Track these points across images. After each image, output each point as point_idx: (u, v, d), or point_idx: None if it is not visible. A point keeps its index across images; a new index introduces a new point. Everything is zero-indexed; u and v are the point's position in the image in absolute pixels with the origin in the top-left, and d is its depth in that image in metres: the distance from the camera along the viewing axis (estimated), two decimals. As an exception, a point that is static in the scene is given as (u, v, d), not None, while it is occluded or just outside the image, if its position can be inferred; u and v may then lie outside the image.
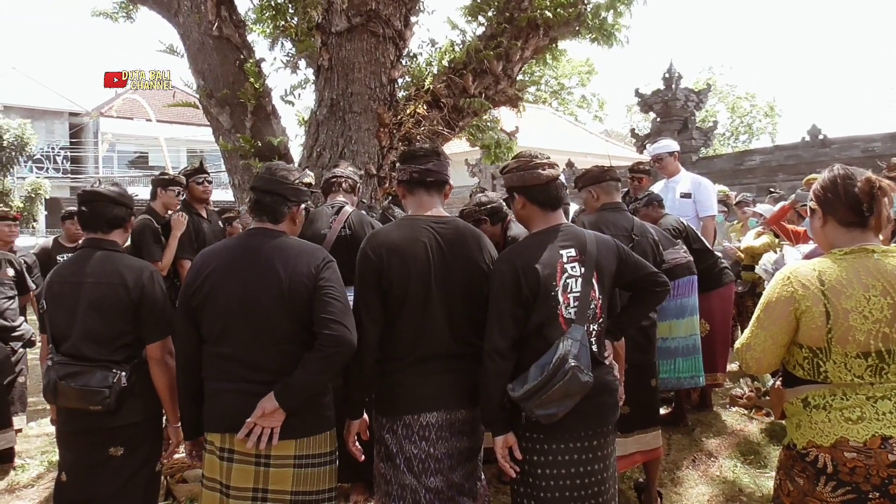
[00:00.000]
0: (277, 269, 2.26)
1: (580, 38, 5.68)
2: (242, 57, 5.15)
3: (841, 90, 72.17)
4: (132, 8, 6.17)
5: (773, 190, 8.94)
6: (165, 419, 2.78)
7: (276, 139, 5.14)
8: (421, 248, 2.35)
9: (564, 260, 2.30)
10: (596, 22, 5.54)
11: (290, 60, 5.54)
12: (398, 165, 2.59)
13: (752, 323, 2.06)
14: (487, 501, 2.56)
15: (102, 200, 2.70)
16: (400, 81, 5.51)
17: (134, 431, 2.62)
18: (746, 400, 5.06)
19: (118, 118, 27.07)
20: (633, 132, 17.79)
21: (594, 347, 2.32)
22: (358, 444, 2.48)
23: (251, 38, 5.48)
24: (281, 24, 5.47)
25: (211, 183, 4.89)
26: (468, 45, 5.43)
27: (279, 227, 2.40)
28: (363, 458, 2.50)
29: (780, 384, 2.12)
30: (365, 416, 2.48)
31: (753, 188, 12.11)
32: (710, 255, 4.84)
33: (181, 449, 2.65)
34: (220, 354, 2.28)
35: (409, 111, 5.30)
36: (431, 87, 5.38)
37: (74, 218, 5.57)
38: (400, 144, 5.18)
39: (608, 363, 2.43)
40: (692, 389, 4.92)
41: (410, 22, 5.33)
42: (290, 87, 5.46)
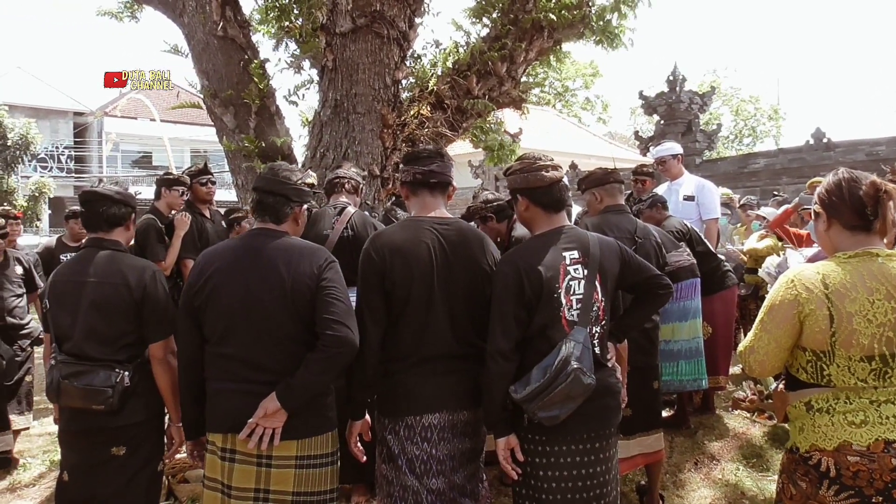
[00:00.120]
0: (280, 269, 2.26)
1: (584, 40, 5.68)
2: (247, 57, 5.15)
3: (846, 93, 72.09)
4: (137, 8, 6.19)
5: (776, 193, 8.94)
6: (168, 419, 2.78)
7: (279, 140, 5.15)
8: (424, 249, 2.35)
9: (567, 262, 2.30)
10: (600, 24, 5.53)
11: (294, 61, 5.55)
12: (402, 167, 2.59)
13: (755, 326, 2.05)
14: (489, 503, 2.56)
15: (102, 200, 2.71)
16: (404, 83, 5.51)
17: (136, 431, 2.63)
18: (749, 403, 5.04)
19: (122, 118, 27.12)
20: (636, 134, 17.78)
21: (597, 350, 2.31)
22: (360, 444, 2.48)
23: (256, 38, 5.49)
24: (285, 24, 5.48)
25: (214, 184, 4.90)
26: (472, 46, 5.43)
27: (282, 227, 2.41)
28: (365, 458, 2.49)
29: (783, 387, 2.11)
30: (367, 416, 2.48)
31: (757, 191, 12.09)
32: (713, 257, 4.84)
33: (183, 449, 2.65)
34: (222, 354, 2.28)
35: (412, 112, 5.31)
36: (435, 88, 5.38)
37: (78, 217, 5.59)
38: (403, 145, 5.18)
39: (611, 365, 2.43)
40: (694, 392, 4.91)
41: (415, 23, 5.33)
42: (294, 87, 5.48)
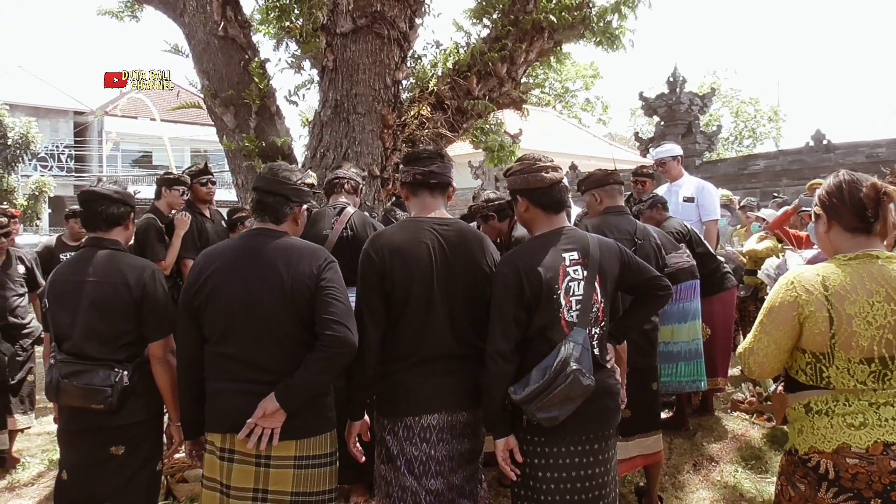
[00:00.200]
0: (279, 269, 2.26)
1: (585, 41, 5.68)
2: (247, 57, 5.15)
3: (846, 95, 72.12)
4: (137, 7, 6.19)
5: (776, 195, 8.94)
6: (167, 418, 2.78)
7: (279, 139, 5.15)
8: (424, 249, 2.35)
9: (567, 263, 2.30)
10: (601, 25, 5.54)
11: (294, 61, 5.55)
12: (402, 167, 2.59)
13: (755, 327, 2.05)
14: (488, 504, 2.56)
15: (101, 199, 2.71)
16: (404, 83, 5.51)
17: (135, 431, 2.63)
18: (748, 405, 5.04)
19: (123, 117, 27.11)
20: (636, 136, 17.78)
21: (596, 351, 2.31)
22: (359, 445, 2.48)
23: (256, 38, 5.49)
24: (286, 24, 5.48)
25: (214, 184, 4.91)
26: (473, 47, 5.43)
27: (281, 227, 2.41)
28: (364, 459, 2.49)
29: (782, 389, 2.12)
30: (366, 417, 2.48)
31: (757, 193, 12.08)
32: (712, 259, 4.84)
33: (182, 448, 2.65)
34: (221, 354, 2.28)
35: (413, 113, 5.31)
36: (435, 88, 5.39)
37: (78, 217, 5.59)
38: (404, 146, 5.18)
39: (610, 367, 2.43)
40: (693, 394, 4.91)
41: (415, 24, 5.33)
42: (294, 87, 5.48)
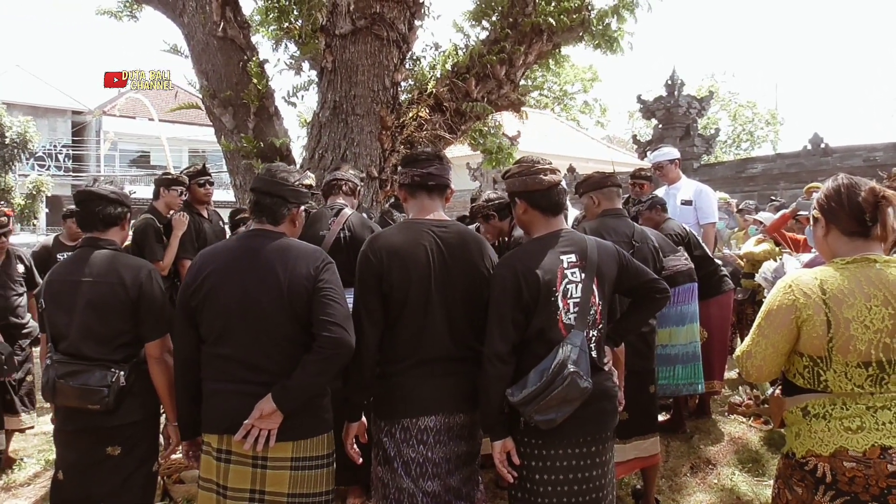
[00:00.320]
0: (277, 270, 2.26)
1: (584, 43, 5.69)
2: (246, 58, 5.15)
3: (843, 99, 72.30)
4: (137, 7, 6.19)
5: (774, 198, 8.95)
6: (165, 419, 2.77)
7: (278, 140, 5.15)
8: (422, 251, 2.35)
9: (565, 265, 2.30)
10: (599, 28, 5.54)
11: (293, 62, 5.56)
12: (400, 169, 2.59)
13: (752, 331, 2.05)
14: (485, 506, 2.55)
15: (97, 199, 2.71)
16: (403, 85, 5.51)
17: (132, 431, 2.62)
18: (745, 408, 5.04)
19: (121, 117, 27.07)
20: (634, 138, 17.78)
21: (594, 353, 2.31)
22: (356, 446, 2.48)
23: (255, 39, 5.49)
24: (285, 25, 5.48)
25: (212, 185, 4.90)
26: (471, 49, 5.44)
27: (279, 228, 2.40)
28: (361, 461, 2.49)
29: (779, 393, 2.12)
30: (363, 419, 2.48)
31: (755, 196, 12.10)
32: (709, 262, 4.84)
33: (179, 449, 2.64)
34: (219, 355, 2.28)
35: (411, 114, 5.31)
36: (434, 90, 5.39)
37: (74, 217, 5.57)
38: (402, 147, 5.18)
39: (607, 369, 2.43)
40: (690, 396, 4.91)
41: (414, 25, 5.34)
42: (293, 88, 5.48)
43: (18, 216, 23.42)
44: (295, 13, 5.46)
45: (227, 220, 5.26)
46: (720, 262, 5.21)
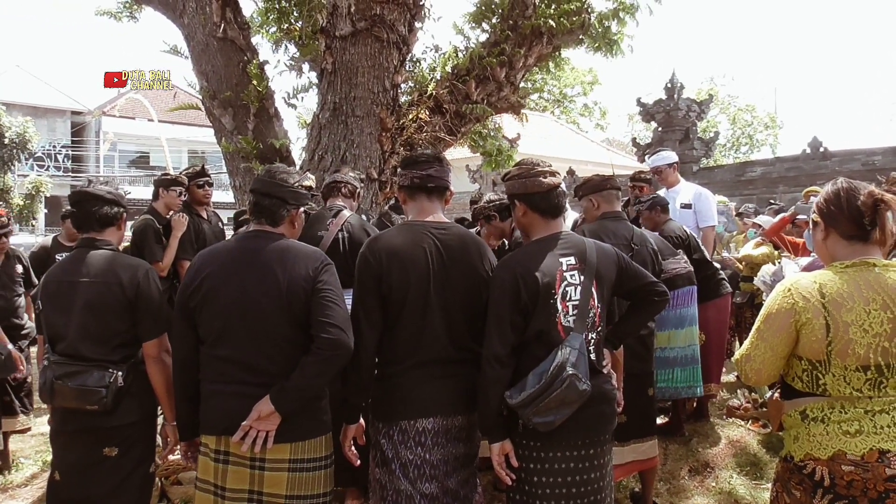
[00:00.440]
0: (276, 271, 2.25)
1: (584, 46, 5.70)
2: (246, 59, 5.16)
3: (843, 103, 72.41)
4: (136, 8, 6.19)
5: (773, 201, 8.96)
6: (163, 418, 2.77)
7: (277, 141, 5.15)
8: (421, 253, 2.35)
9: (564, 268, 2.30)
10: (600, 31, 5.55)
11: (293, 63, 5.56)
12: (399, 170, 2.59)
13: (752, 334, 2.05)
14: (483, 509, 2.55)
15: (93, 200, 2.70)
16: (403, 86, 5.52)
17: (130, 432, 2.62)
18: (743, 411, 5.05)
19: (120, 117, 27.08)
20: (634, 141, 17.79)
21: (592, 356, 2.31)
22: (354, 448, 2.47)
23: (255, 40, 5.50)
24: (285, 27, 5.49)
25: (211, 186, 4.89)
26: (472, 51, 5.44)
27: (278, 229, 2.40)
28: (359, 462, 2.49)
29: (778, 396, 2.12)
30: (361, 420, 2.48)
31: (754, 199, 12.12)
32: (708, 265, 4.84)
33: (177, 449, 2.64)
34: (217, 356, 2.27)
35: (411, 116, 5.31)
36: (434, 92, 5.39)
37: (70, 217, 5.56)
38: (402, 149, 5.18)
39: (606, 372, 2.43)
40: (688, 399, 4.91)
41: (414, 27, 5.34)
42: (293, 90, 5.49)
43: (17, 216, 23.41)
44: (295, 15, 5.47)
45: (230, 221, 5.25)
46: (718, 265, 5.21)
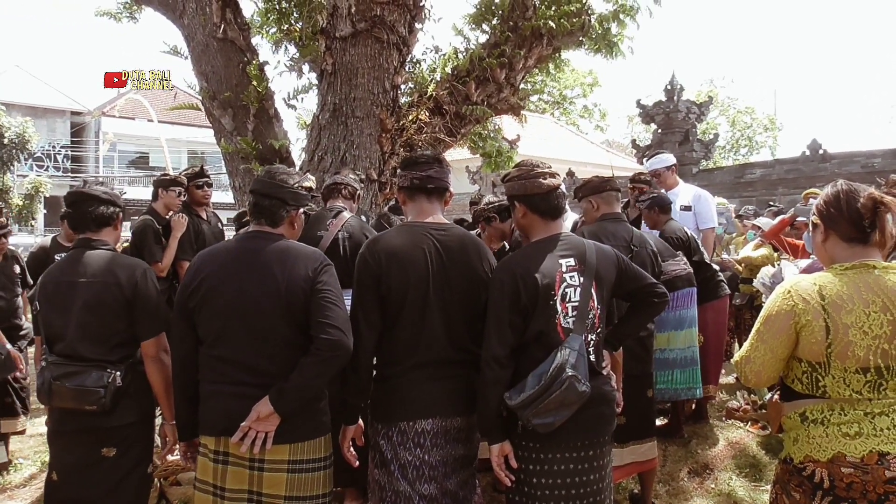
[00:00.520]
0: (275, 272, 2.25)
1: (584, 48, 5.70)
2: (246, 60, 5.15)
3: (842, 105, 72.46)
4: (136, 8, 6.19)
5: (772, 203, 8.97)
6: (161, 418, 2.76)
7: (277, 142, 5.15)
8: (420, 254, 2.35)
9: (564, 269, 2.30)
10: (600, 32, 5.55)
11: (293, 64, 5.56)
12: (399, 171, 2.59)
13: (751, 336, 2.05)
14: (482, 510, 2.55)
15: (89, 200, 2.70)
16: (403, 87, 5.52)
17: (128, 432, 2.61)
18: (743, 413, 5.05)
19: (120, 118, 27.06)
20: (634, 143, 17.81)
21: (592, 357, 2.31)
22: (353, 449, 2.47)
23: (255, 41, 5.50)
24: (285, 27, 5.49)
25: (210, 186, 4.89)
26: (471, 52, 5.44)
27: (277, 230, 2.40)
28: (357, 463, 2.49)
29: (777, 398, 2.12)
30: (360, 421, 2.48)
31: (753, 201, 12.12)
32: (707, 267, 4.84)
33: (176, 450, 2.64)
34: (216, 356, 2.27)
35: (411, 117, 5.31)
36: (434, 93, 5.39)
37: (65, 218, 5.56)
38: (401, 150, 5.18)
39: (606, 373, 2.43)
40: (687, 401, 4.91)
41: (415, 28, 5.34)
42: (293, 90, 5.49)
43: (16, 217, 23.40)
44: (295, 15, 5.47)
45: (229, 222, 5.25)
46: (717, 266, 5.21)
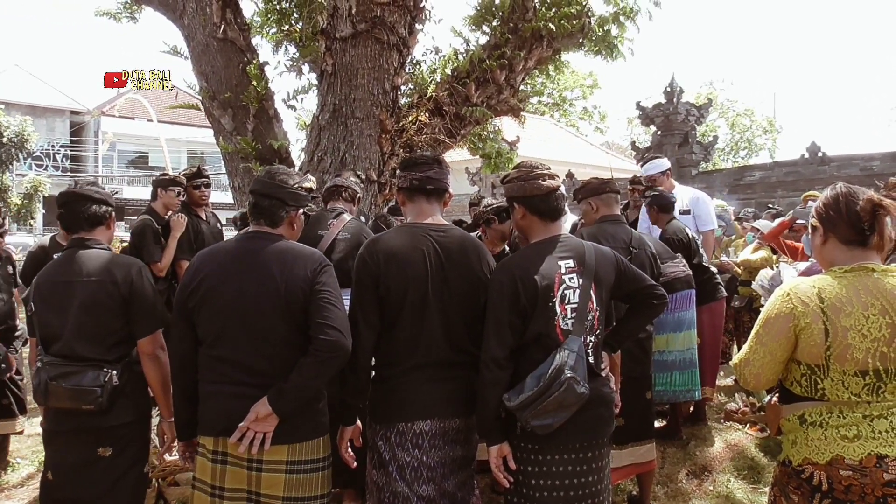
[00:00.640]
0: (274, 272, 2.25)
1: (584, 50, 5.70)
2: (246, 60, 5.16)
3: (841, 108, 72.56)
4: (136, 8, 6.19)
5: (771, 206, 8.97)
6: (159, 416, 2.76)
7: (277, 142, 5.15)
8: (419, 255, 2.35)
9: (563, 271, 2.30)
10: (599, 34, 5.56)
11: (293, 65, 5.56)
12: (399, 172, 2.59)
13: (750, 338, 2.05)
14: (480, 511, 2.54)
15: (82, 200, 2.71)
16: (403, 88, 5.53)
17: (124, 432, 2.61)
18: (741, 415, 5.05)
19: (119, 117, 27.07)
20: (633, 145, 17.82)
21: (591, 359, 2.31)
22: (350, 450, 2.47)
23: (255, 41, 5.50)
24: (285, 28, 5.49)
25: (209, 187, 4.88)
26: (472, 54, 5.45)
27: (277, 230, 2.40)
28: (355, 464, 2.48)
29: (776, 400, 2.11)
30: (358, 422, 2.47)
31: (752, 203, 12.12)
32: (705, 269, 4.84)
33: (175, 447, 2.63)
34: (215, 357, 2.27)
35: (411, 118, 5.32)
36: (434, 94, 5.40)
37: (58, 219, 5.55)
38: (401, 151, 5.19)
39: (604, 375, 2.43)
40: (685, 403, 4.91)
41: (415, 29, 5.35)
42: (293, 91, 5.50)
43: (15, 216, 23.37)
44: (295, 16, 5.48)
45: (228, 222, 5.24)
46: (716, 269, 5.21)
